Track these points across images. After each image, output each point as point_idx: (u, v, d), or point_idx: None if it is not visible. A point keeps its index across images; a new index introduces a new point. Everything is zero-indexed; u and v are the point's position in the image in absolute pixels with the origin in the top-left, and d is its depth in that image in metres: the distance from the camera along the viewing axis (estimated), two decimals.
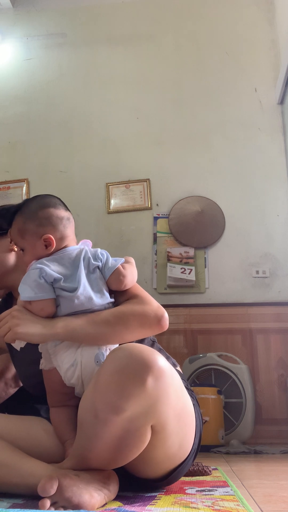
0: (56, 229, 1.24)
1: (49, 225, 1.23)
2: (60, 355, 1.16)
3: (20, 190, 4.08)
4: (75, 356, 1.14)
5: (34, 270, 1.17)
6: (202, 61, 4.21)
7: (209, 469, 1.68)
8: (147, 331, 1.17)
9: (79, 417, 1.07)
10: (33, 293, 1.15)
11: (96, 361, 1.13)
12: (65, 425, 1.18)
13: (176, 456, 1.16)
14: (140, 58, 4.27)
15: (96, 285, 1.18)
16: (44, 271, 1.15)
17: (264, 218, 3.84)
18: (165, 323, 1.18)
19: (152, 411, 1.01)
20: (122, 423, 0.99)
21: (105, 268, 1.21)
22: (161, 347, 1.42)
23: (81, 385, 1.15)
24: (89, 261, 1.20)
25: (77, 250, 1.23)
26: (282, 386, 3.46)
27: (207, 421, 2.97)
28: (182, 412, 1.13)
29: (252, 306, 3.65)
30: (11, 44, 4.43)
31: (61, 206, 1.28)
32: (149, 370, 0.98)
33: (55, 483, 0.94)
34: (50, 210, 1.25)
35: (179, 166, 4.02)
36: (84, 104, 4.22)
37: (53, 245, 1.22)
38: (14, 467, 1.06)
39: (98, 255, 1.22)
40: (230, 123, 4.04)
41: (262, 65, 4.12)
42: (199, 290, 3.75)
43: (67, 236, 1.25)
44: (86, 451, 1.04)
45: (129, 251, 3.83)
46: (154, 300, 1.22)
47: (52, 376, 1.18)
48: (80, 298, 1.15)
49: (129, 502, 1.07)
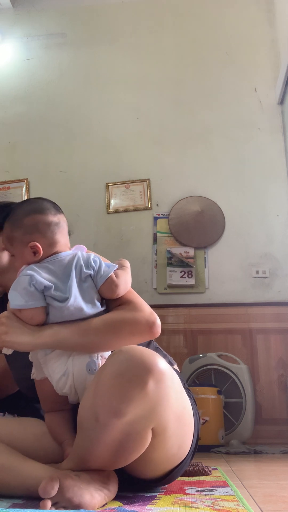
0: (43, 235, 1.20)
1: (35, 232, 1.20)
2: (51, 364, 1.14)
3: (20, 190, 4.08)
4: (66, 366, 1.12)
5: (24, 277, 1.14)
6: (202, 61, 4.21)
7: (209, 469, 1.68)
8: (138, 339, 1.16)
9: (79, 420, 1.07)
10: (23, 301, 1.13)
11: (88, 369, 1.12)
12: (61, 428, 1.17)
13: (175, 457, 1.16)
14: (140, 58, 4.28)
15: (88, 295, 1.15)
16: (35, 278, 1.12)
17: (264, 218, 3.84)
18: (156, 330, 1.16)
19: (153, 414, 1.01)
20: (123, 426, 0.99)
21: (97, 276, 1.17)
22: (160, 346, 1.42)
23: (74, 394, 1.13)
24: (81, 269, 1.17)
25: (70, 257, 1.20)
26: (282, 386, 3.46)
27: (207, 421, 2.97)
28: (182, 413, 1.12)
29: (252, 306, 3.65)
30: (11, 44, 4.43)
31: (49, 211, 1.23)
32: (150, 373, 0.98)
33: (56, 484, 0.94)
34: (37, 217, 1.21)
35: (179, 166, 4.02)
36: (84, 104, 4.22)
37: (41, 252, 1.19)
38: (13, 470, 1.06)
39: (90, 263, 1.18)
40: (230, 123, 4.04)
41: (262, 65, 4.12)
42: (199, 290, 3.75)
43: (57, 242, 1.21)
44: (86, 453, 1.04)
45: (129, 251, 3.83)
46: (147, 306, 1.20)
47: (44, 386, 1.17)
48: (70, 309, 1.13)
49: (129, 502, 1.07)
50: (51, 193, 3.95)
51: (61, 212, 1.27)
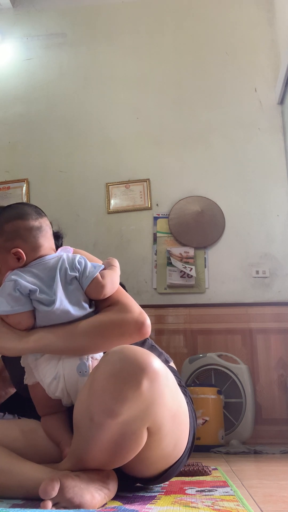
0: (25, 241, 1.19)
1: (17, 238, 1.19)
2: (41, 369, 1.13)
3: (20, 190, 4.08)
4: (57, 369, 1.12)
5: (8, 283, 1.14)
6: (202, 61, 4.21)
7: (209, 469, 1.68)
8: (127, 340, 1.14)
9: (74, 420, 1.07)
10: (9, 307, 1.12)
11: (78, 371, 1.11)
12: (57, 430, 1.17)
13: (171, 456, 1.16)
14: (140, 58, 4.28)
15: (74, 297, 1.15)
16: (19, 283, 1.12)
17: (264, 218, 3.84)
18: (146, 331, 1.15)
19: (148, 414, 1.01)
20: (118, 426, 0.99)
21: (82, 277, 1.16)
22: (159, 346, 1.42)
23: (67, 397, 1.13)
24: (66, 272, 1.16)
25: (54, 260, 1.19)
26: (282, 386, 3.46)
27: (207, 421, 2.97)
28: (177, 412, 1.12)
29: (252, 306, 3.65)
30: (11, 44, 4.43)
31: (30, 216, 1.22)
32: (144, 373, 0.98)
33: (57, 484, 0.94)
34: (17, 222, 1.21)
35: (179, 166, 4.02)
36: (84, 104, 4.22)
37: (24, 258, 1.18)
38: (11, 472, 1.06)
39: (75, 264, 1.17)
40: (230, 123, 4.04)
41: (262, 65, 4.12)
42: (199, 290, 3.75)
43: (40, 246, 1.21)
44: (83, 453, 1.04)
45: (129, 251, 3.83)
46: (137, 306, 1.19)
47: (37, 391, 1.16)
48: (56, 313, 1.12)
49: (129, 501, 1.07)
50: (51, 193, 3.96)
51: (43, 215, 1.27)
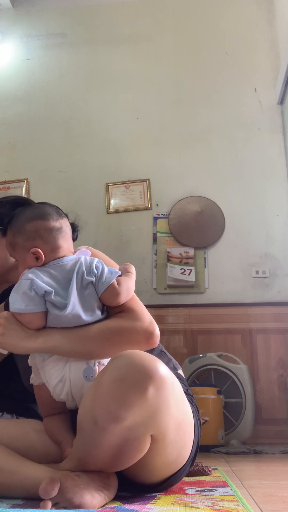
0: (45, 241, 1.19)
1: (37, 238, 1.19)
2: (48, 370, 1.14)
3: (20, 190, 4.08)
4: (63, 372, 1.12)
5: (25, 281, 1.14)
6: (202, 61, 4.21)
7: (209, 469, 1.68)
8: (135, 348, 1.12)
9: (78, 422, 1.07)
10: (23, 305, 1.12)
11: (84, 376, 1.11)
12: (59, 430, 1.17)
13: (174, 464, 1.15)
14: (140, 58, 4.28)
15: (88, 302, 1.14)
16: (35, 283, 1.12)
17: (264, 218, 3.84)
18: (154, 341, 1.15)
19: (152, 421, 1.00)
20: (121, 431, 0.98)
21: (98, 283, 1.15)
22: (163, 348, 1.41)
23: (71, 400, 1.13)
24: (83, 276, 1.15)
25: (72, 262, 1.19)
26: (282, 386, 3.46)
27: (207, 421, 2.97)
28: (182, 421, 1.11)
29: (252, 306, 3.65)
30: (11, 44, 4.43)
31: (51, 217, 1.23)
32: (150, 379, 0.97)
33: (57, 484, 0.94)
34: (38, 223, 1.21)
35: (179, 166, 4.02)
36: (84, 104, 4.22)
37: (42, 258, 1.18)
38: (12, 472, 1.06)
39: (92, 269, 1.16)
40: (230, 123, 4.04)
41: (262, 65, 4.12)
42: (199, 290, 3.75)
43: (59, 247, 1.21)
44: (85, 455, 1.04)
45: (129, 251, 3.83)
46: (148, 315, 1.18)
47: (42, 392, 1.16)
48: (68, 316, 1.12)
49: (129, 501, 1.07)
50: (51, 193, 3.96)
51: (63, 216, 1.27)
